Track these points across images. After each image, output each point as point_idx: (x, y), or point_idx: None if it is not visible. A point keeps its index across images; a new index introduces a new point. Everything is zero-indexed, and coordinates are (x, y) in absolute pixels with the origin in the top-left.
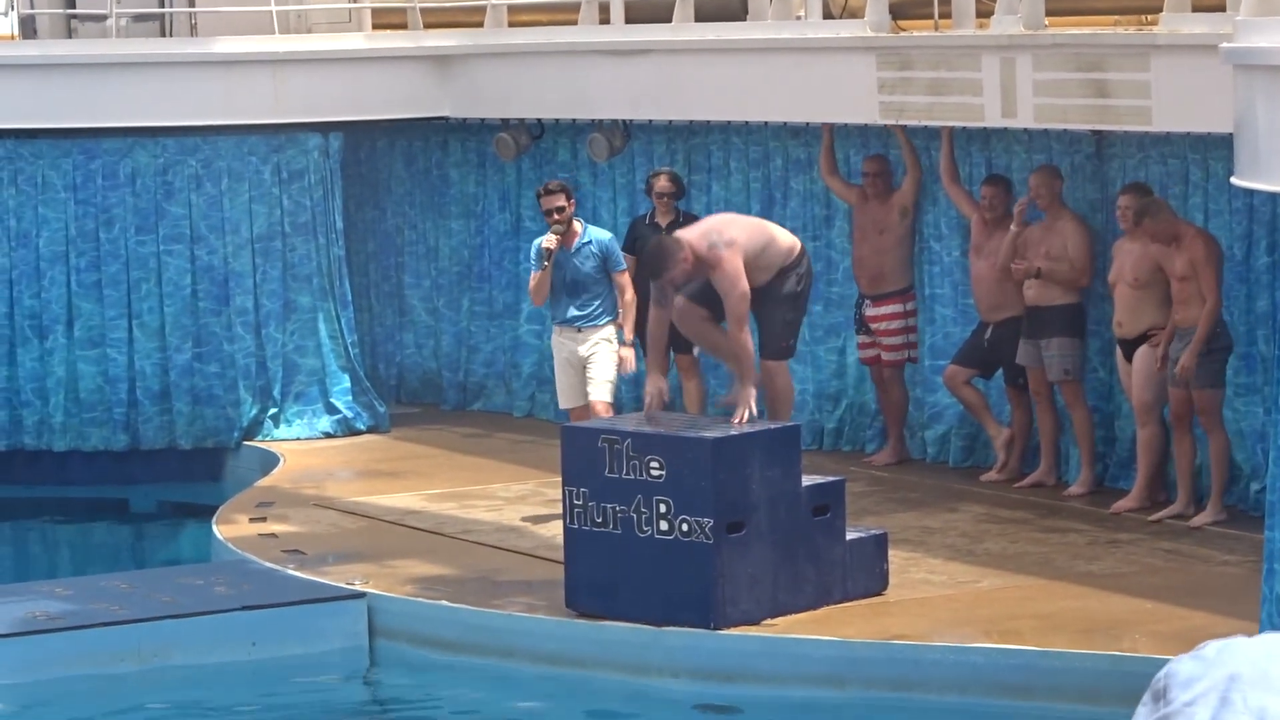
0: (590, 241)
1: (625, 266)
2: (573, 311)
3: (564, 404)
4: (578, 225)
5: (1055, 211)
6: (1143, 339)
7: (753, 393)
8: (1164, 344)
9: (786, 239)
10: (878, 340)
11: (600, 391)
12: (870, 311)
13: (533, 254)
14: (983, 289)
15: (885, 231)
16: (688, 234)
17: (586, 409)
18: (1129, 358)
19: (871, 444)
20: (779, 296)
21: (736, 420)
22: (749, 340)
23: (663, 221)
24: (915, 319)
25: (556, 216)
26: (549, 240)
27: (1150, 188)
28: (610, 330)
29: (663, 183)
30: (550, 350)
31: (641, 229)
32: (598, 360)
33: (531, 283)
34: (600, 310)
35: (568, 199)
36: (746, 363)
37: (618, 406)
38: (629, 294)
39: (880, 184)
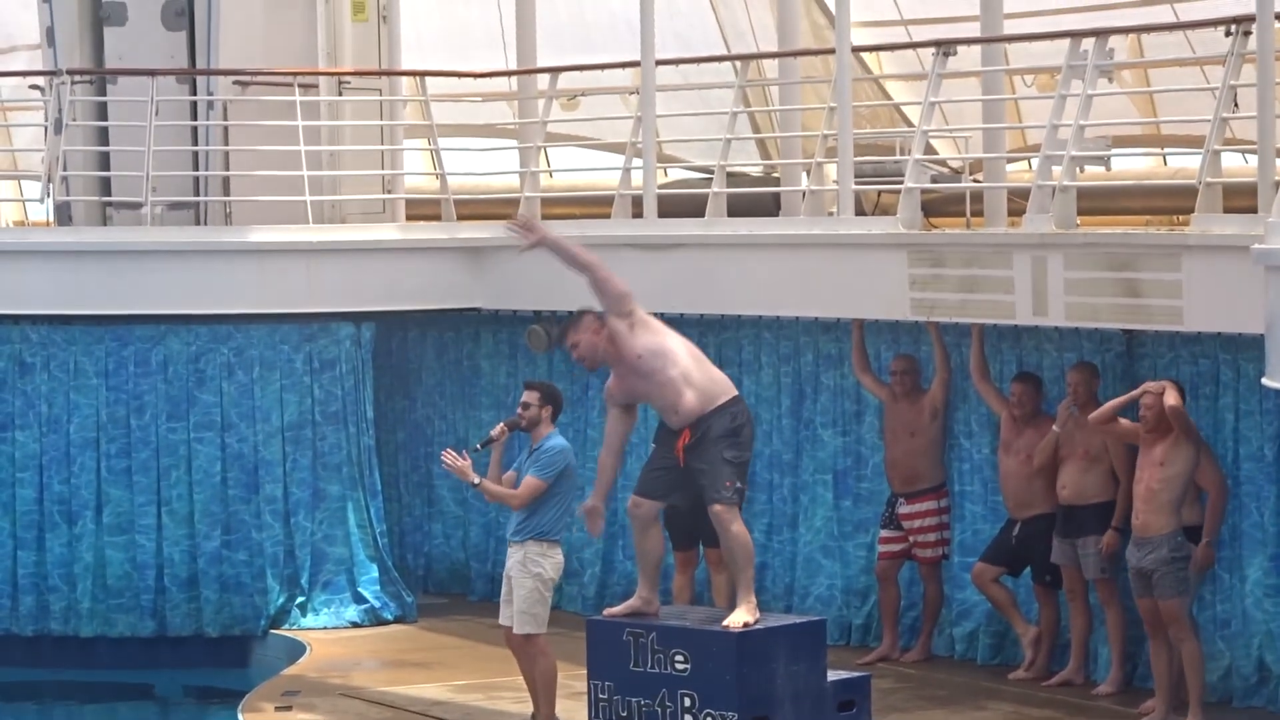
0: (539, 448)
1: (538, 479)
2: (510, 524)
3: (500, 619)
4: (545, 430)
5: (1091, 410)
6: None
7: (753, 601)
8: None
9: (725, 380)
10: (911, 537)
11: (521, 624)
12: (904, 509)
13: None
14: (1011, 486)
15: (916, 434)
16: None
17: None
18: None
19: (901, 640)
20: (716, 432)
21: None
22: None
23: None
24: (949, 515)
25: (520, 411)
26: (495, 428)
27: (1182, 386)
28: (529, 550)
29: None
30: (574, 544)
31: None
32: (519, 588)
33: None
34: (528, 525)
35: (541, 402)
36: (743, 569)
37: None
38: (515, 502)
39: (908, 382)
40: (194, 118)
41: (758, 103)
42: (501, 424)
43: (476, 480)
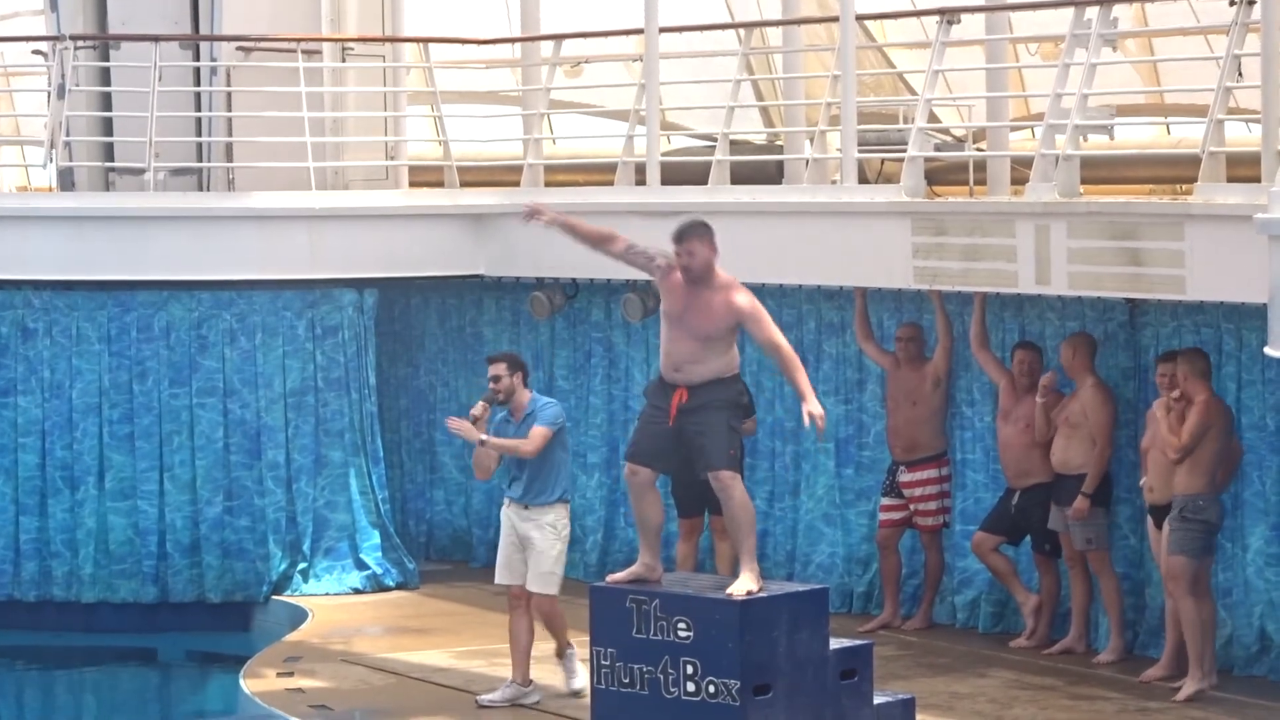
0: (532, 412)
1: (546, 427)
2: (519, 488)
3: (499, 579)
4: (525, 396)
5: (1082, 379)
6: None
7: (756, 569)
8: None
9: (737, 356)
10: (912, 505)
11: (542, 584)
12: (905, 477)
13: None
14: (1010, 455)
15: (918, 403)
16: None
17: (523, 591)
18: (1160, 525)
19: (902, 608)
20: (721, 402)
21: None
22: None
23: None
24: (950, 483)
25: (492, 385)
26: (476, 406)
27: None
28: (556, 513)
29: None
30: (576, 511)
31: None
32: (539, 549)
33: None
34: (546, 488)
35: (510, 370)
36: (746, 537)
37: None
38: (526, 448)
39: (913, 349)
40: (197, 83)
41: (761, 70)
42: (480, 401)
43: (482, 438)
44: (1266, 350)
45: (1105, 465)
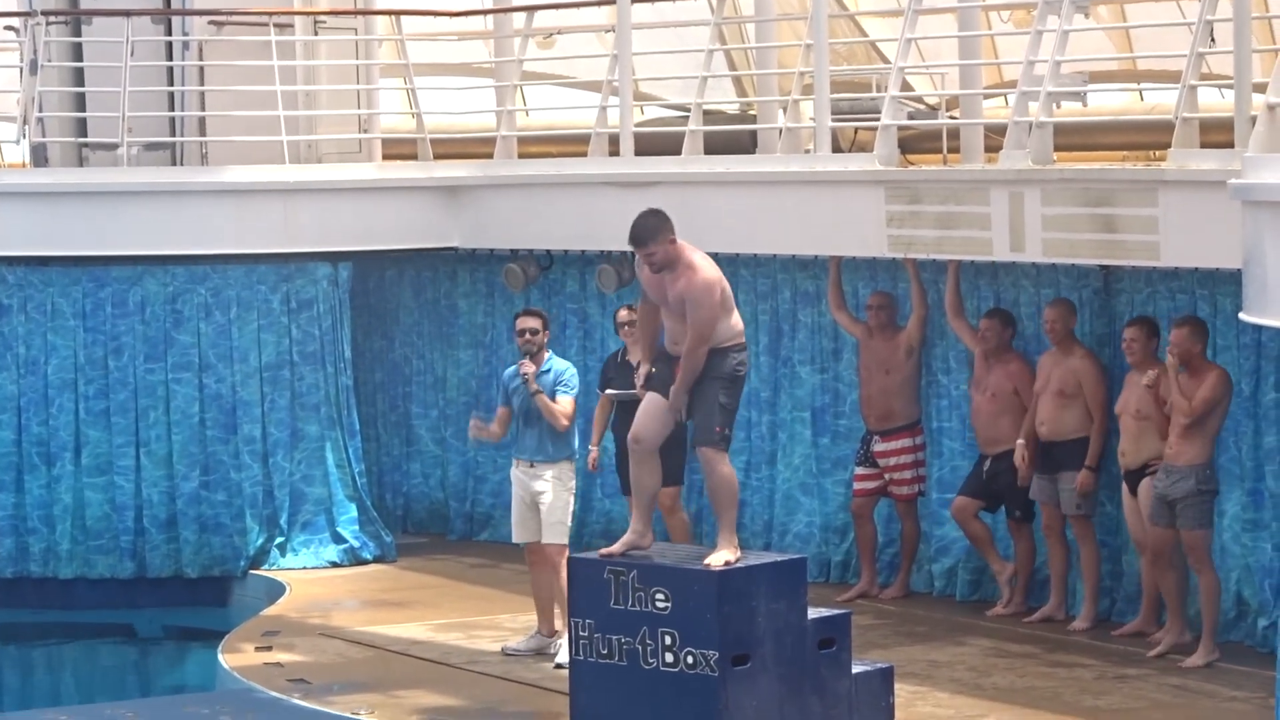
0: (549, 371)
1: (570, 394)
2: (527, 445)
3: (516, 538)
4: (543, 355)
5: (1067, 346)
6: (1144, 470)
7: (734, 540)
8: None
9: (740, 324)
10: (887, 475)
11: (554, 534)
12: (879, 447)
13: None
14: (980, 421)
15: (891, 371)
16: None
17: (540, 546)
18: (1133, 489)
19: (880, 577)
20: (715, 373)
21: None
22: (700, 360)
23: (633, 359)
24: (924, 452)
25: (528, 337)
26: (525, 366)
27: (1157, 322)
28: (560, 469)
29: (624, 314)
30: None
31: (612, 368)
32: (549, 501)
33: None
34: (551, 447)
35: (544, 326)
36: (727, 510)
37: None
38: (563, 422)
39: (883, 317)
40: (169, 58)
41: (734, 40)
42: (527, 361)
43: (537, 388)
44: (1241, 315)
45: (1104, 436)
